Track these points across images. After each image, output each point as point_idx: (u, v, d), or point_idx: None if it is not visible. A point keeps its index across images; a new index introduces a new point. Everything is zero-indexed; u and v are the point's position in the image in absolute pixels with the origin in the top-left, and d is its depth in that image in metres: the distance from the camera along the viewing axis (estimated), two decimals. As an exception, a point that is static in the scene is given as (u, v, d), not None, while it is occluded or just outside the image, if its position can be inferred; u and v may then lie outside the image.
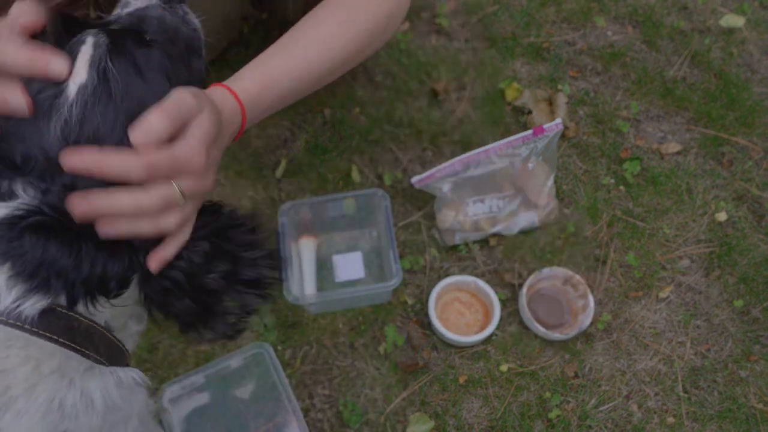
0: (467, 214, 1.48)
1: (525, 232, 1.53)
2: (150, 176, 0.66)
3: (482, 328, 1.39)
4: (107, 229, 0.66)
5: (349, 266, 1.51)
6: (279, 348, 1.41)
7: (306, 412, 1.34)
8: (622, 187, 1.62)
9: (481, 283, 1.42)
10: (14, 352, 0.62)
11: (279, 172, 1.63)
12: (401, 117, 1.71)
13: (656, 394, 1.36)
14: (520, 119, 1.72)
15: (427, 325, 1.43)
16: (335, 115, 1.71)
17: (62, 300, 0.66)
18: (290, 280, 1.35)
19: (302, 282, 1.46)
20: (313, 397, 1.36)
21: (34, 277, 0.63)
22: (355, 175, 1.61)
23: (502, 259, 1.51)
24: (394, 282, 1.34)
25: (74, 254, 0.65)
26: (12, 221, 0.63)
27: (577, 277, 1.43)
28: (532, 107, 1.70)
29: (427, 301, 1.42)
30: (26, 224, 0.63)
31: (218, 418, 1.32)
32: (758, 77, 1.81)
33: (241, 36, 1.78)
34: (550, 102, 1.73)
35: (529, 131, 1.40)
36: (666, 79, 1.79)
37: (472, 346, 1.40)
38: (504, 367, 1.38)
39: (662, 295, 1.47)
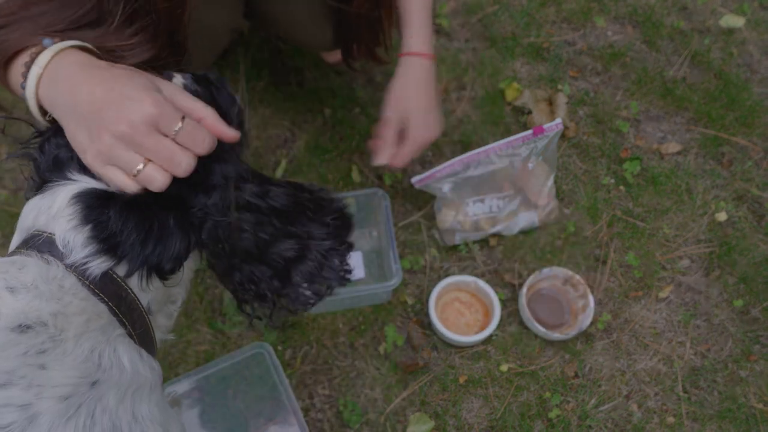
0: (467, 214, 1.48)
1: (525, 232, 1.54)
2: None
3: (482, 328, 1.40)
4: None
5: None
6: (279, 348, 1.41)
7: (306, 412, 1.34)
8: (622, 187, 1.62)
9: (482, 283, 1.42)
10: (76, 302, 0.71)
11: (279, 172, 1.63)
12: (401, 117, 1.71)
13: (656, 394, 1.37)
14: (520, 119, 1.72)
15: (427, 325, 1.43)
16: (335, 115, 1.71)
17: (121, 269, 0.75)
18: None
19: None
20: (313, 397, 1.36)
21: (106, 242, 0.73)
22: (355, 175, 1.61)
23: (502, 259, 1.51)
24: (394, 282, 1.34)
25: (144, 231, 0.75)
26: (104, 194, 0.75)
27: (577, 277, 1.43)
28: (532, 107, 1.70)
29: (427, 301, 1.42)
30: (114, 199, 0.75)
31: (218, 418, 1.32)
32: (758, 77, 1.81)
33: (241, 35, 1.78)
34: (550, 102, 1.73)
35: (529, 131, 1.40)
36: (666, 79, 1.79)
37: (472, 346, 1.40)
38: (504, 367, 1.38)
39: (662, 295, 1.47)
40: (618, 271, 1.50)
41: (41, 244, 0.73)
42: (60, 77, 0.78)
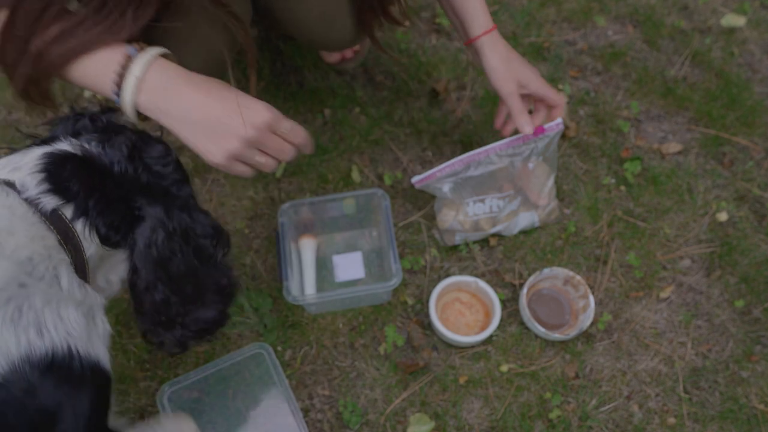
0: (467, 214, 1.48)
1: (526, 232, 1.53)
2: None
3: (483, 329, 1.39)
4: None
5: (349, 266, 1.50)
6: (279, 348, 1.41)
7: (306, 412, 1.34)
8: (622, 187, 1.61)
9: (482, 284, 1.42)
10: (25, 226, 0.84)
11: (279, 172, 1.63)
12: (401, 117, 1.71)
13: (657, 395, 1.36)
14: (520, 119, 1.72)
15: (427, 326, 1.43)
16: (335, 115, 1.71)
17: (68, 212, 0.87)
18: (290, 280, 1.35)
19: (302, 282, 1.46)
20: (312, 397, 1.36)
21: (57, 185, 0.86)
22: (355, 175, 1.61)
23: (503, 259, 1.51)
24: (394, 282, 1.34)
25: (92, 190, 0.89)
26: (67, 154, 0.89)
27: (578, 277, 1.43)
28: (532, 107, 1.70)
29: (427, 301, 1.42)
30: (74, 158, 0.89)
31: (218, 418, 1.32)
32: (759, 77, 1.80)
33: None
34: (551, 102, 1.73)
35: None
36: (667, 78, 1.79)
37: (472, 346, 1.40)
38: (504, 368, 1.38)
39: (663, 295, 1.47)
40: (619, 272, 1.50)
41: (1, 185, 0.86)
42: (165, 89, 0.89)
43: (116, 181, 0.93)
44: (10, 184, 0.86)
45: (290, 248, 1.44)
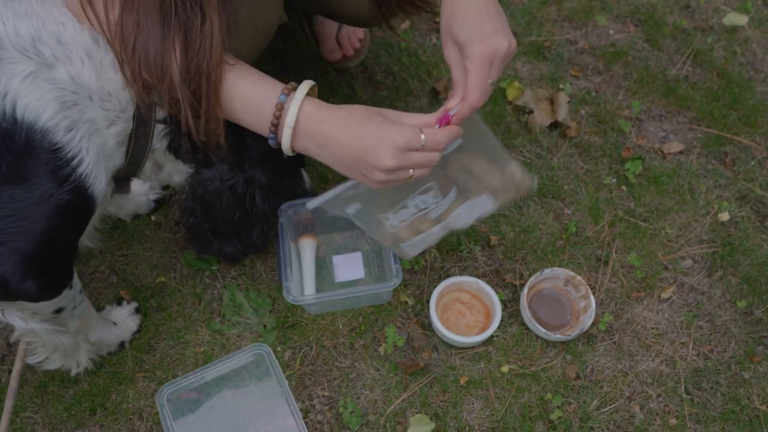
0: (395, 226, 1.27)
1: (527, 232, 1.53)
2: None
3: (483, 329, 1.39)
4: None
5: (349, 266, 1.50)
6: (278, 349, 1.40)
7: (306, 413, 1.33)
8: (623, 187, 1.61)
9: (482, 284, 1.41)
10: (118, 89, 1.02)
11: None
12: (402, 116, 1.70)
13: (658, 396, 1.36)
14: (521, 118, 1.71)
15: (427, 326, 1.42)
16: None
17: (160, 113, 1.10)
18: (290, 280, 1.35)
19: (302, 282, 1.45)
20: (312, 398, 1.35)
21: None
22: (355, 175, 1.60)
23: (503, 259, 1.50)
24: (394, 282, 1.33)
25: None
26: None
27: (579, 277, 1.42)
28: (533, 106, 1.69)
29: (427, 301, 1.41)
30: None
31: (217, 419, 1.32)
32: (761, 76, 1.80)
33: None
34: (552, 101, 1.72)
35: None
36: (668, 78, 1.78)
37: (472, 347, 1.40)
38: (505, 368, 1.37)
39: (664, 295, 1.46)
40: (620, 272, 1.49)
41: None
42: (313, 136, 1.01)
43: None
44: None
45: (290, 248, 1.43)
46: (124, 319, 1.39)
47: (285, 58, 1.79)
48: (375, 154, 0.97)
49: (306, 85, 1.04)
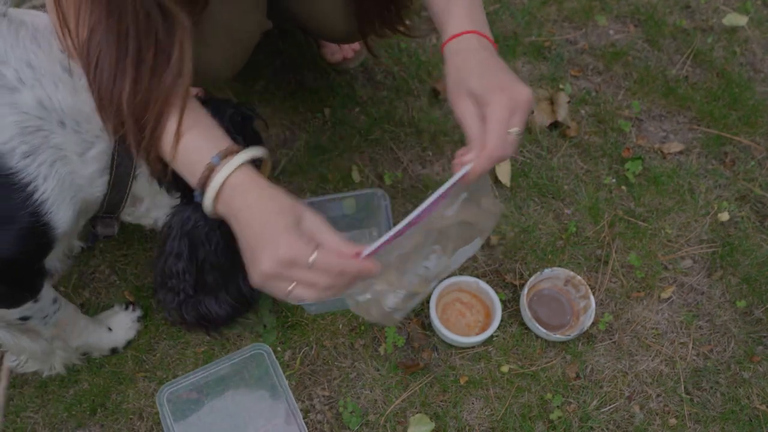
0: (393, 304, 1.09)
1: (527, 232, 1.53)
2: None
3: (483, 329, 1.39)
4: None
5: None
6: (278, 349, 1.40)
7: (306, 413, 1.33)
8: (623, 187, 1.61)
9: (483, 284, 1.42)
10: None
11: (278, 173, 1.63)
12: (402, 116, 1.71)
13: (658, 396, 1.36)
14: (521, 119, 1.71)
15: (427, 326, 1.42)
16: (335, 115, 1.70)
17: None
18: None
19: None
20: (312, 398, 1.35)
21: None
22: (355, 175, 1.61)
23: (503, 259, 1.51)
24: (394, 282, 1.33)
25: None
26: None
27: (579, 277, 1.42)
28: (533, 107, 1.69)
29: (427, 301, 1.41)
30: None
31: (217, 419, 1.32)
32: (761, 76, 1.80)
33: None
34: (552, 101, 1.72)
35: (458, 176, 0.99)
36: (668, 78, 1.78)
37: (472, 346, 1.40)
38: (505, 368, 1.37)
39: (664, 295, 1.46)
40: (620, 272, 1.49)
41: None
42: (232, 207, 0.95)
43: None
44: None
45: None
46: (122, 326, 1.38)
47: (285, 59, 1.79)
48: (259, 253, 0.90)
49: (245, 155, 0.97)
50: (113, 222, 1.15)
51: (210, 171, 0.95)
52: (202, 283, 1.17)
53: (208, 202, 0.97)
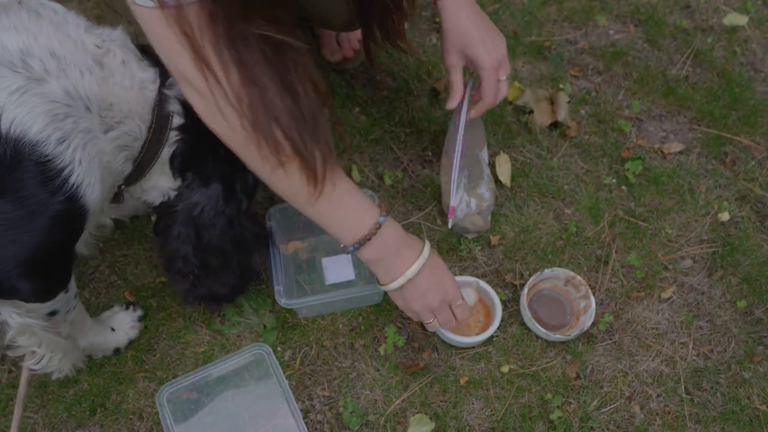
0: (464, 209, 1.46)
1: (527, 232, 1.53)
2: None
3: (483, 329, 1.38)
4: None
5: (339, 268, 1.49)
6: (278, 349, 1.40)
7: (306, 413, 1.33)
8: (623, 187, 1.61)
9: (483, 284, 1.41)
10: (140, 94, 1.07)
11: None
12: (402, 116, 1.71)
13: (658, 396, 1.36)
14: (521, 119, 1.71)
15: (427, 326, 1.42)
16: (335, 115, 1.70)
17: (177, 120, 1.13)
18: (281, 284, 1.34)
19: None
20: (312, 398, 1.35)
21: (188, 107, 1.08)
22: (356, 175, 1.61)
23: (504, 259, 1.50)
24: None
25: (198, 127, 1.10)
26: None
27: (579, 277, 1.42)
28: (533, 107, 1.69)
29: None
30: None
31: (217, 419, 1.32)
32: (761, 76, 1.80)
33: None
34: (552, 101, 1.72)
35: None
36: (668, 78, 1.78)
37: (473, 347, 1.40)
38: (505, 368, 1.37)
39: (664, 295, 1.46)
40: (620, 272, 1.49)
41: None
42: (388, 256, 1.16)
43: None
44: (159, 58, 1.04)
45: (280, 251, 1.42)
46: (124, 326, 1.38)
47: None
48: (435, 295, 1.21)
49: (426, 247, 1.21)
50: (121, 193, 1.19)
51: (377, 228, 1.12)
52: (206, 265, 1.25)
53: (364, 254, 1.15)
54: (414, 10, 1.27)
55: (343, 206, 1.11)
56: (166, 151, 1.13)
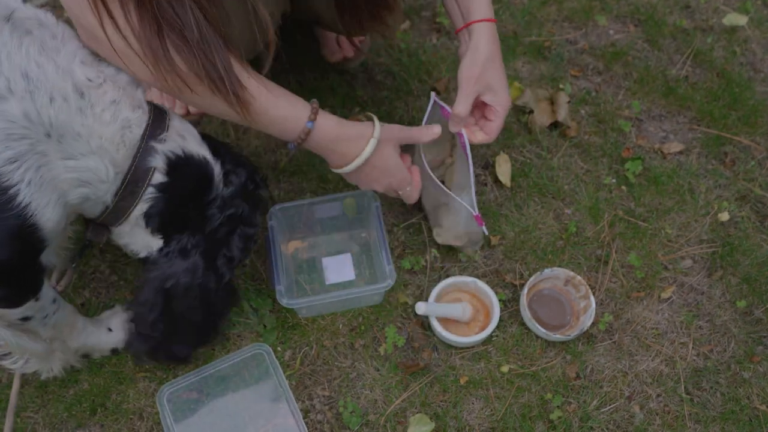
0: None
1: (527, 232, 1.53)
2: None
3: (483, 329, 1.39)
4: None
5: (339, 268, 1.49)
6: (279, 349, 1.40)
7: (306, 413, 1.33)
8: (623, 187, 1.61)
9: (482, 284, 1.42)
10: (118, 134, 1.06)
11: (278, 172, 1.63)
12: (402, 116, 1.71)
13: (658, 396, 1.36)
14: (521, 118, 1.71)
15: (427, 326, 1.42)
16: (335, 115, 1.70)
17: (158, 177, 1.11)
18: (282, 284, 1.34)
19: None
20: (312, 398, 1.35)
21: (172, 160, 1.12)
22: (356, 175, 1.60)
23: (503, 259, 1.51)
24: (387, 283, 1.33)
25: (185, 187, 1.15)
26: (199, 155, 1.17)
27: (579, 277, 1.42)
28: (533, 106, 1.69)
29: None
30: (201, 162, 1.16)
31: (217, 419, 1.32)
32: (761, 76, 1.80)
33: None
34: (552, 101, 1.72)
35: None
36: (668, 78, 1.78)
37: (472, 346, 1.40)
38: (505, 368, 1.37)
39: (664, 295, 1.46)
40: (620, 272, 1.49)
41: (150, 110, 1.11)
42: (325, 145, 1.21)
43: (201, 202, 1.16)
44: (160, 112, 1.10)
45: (280, 251, 1.42)
46: (123, 326, 1.37)
47: (285, 58, 1.78)
48: (392, 179, 1.30)
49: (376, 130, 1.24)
50: (104, 231, 1.18)
51: (307, 134, 1.17)
52: (172, 331, 1.24)
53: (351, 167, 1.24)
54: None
55: (269, 115, 1.15)
56: (141, 207, 1.11)
